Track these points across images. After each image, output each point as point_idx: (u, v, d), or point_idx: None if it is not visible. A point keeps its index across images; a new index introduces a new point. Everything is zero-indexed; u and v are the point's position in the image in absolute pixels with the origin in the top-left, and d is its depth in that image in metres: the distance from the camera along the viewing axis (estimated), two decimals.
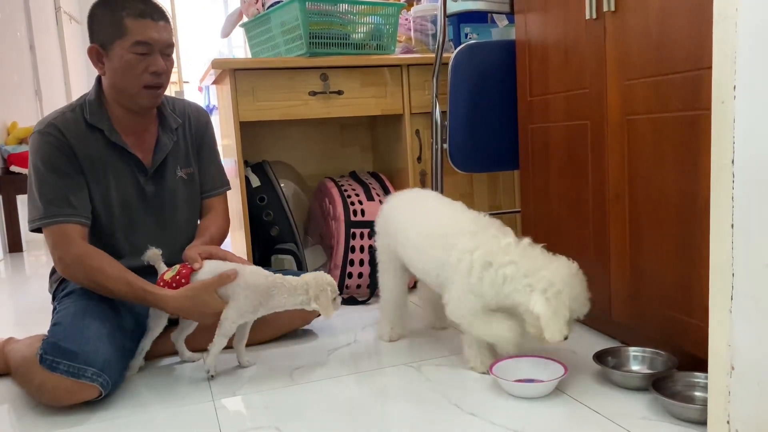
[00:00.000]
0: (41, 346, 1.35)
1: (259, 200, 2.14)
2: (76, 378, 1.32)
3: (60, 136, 1.49)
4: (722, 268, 1.00)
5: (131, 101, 1.54)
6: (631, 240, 1.46)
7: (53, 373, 1.32)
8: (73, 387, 1.32)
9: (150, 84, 1.52)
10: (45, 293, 1.70)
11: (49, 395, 1.34)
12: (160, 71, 1.52)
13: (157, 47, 1.50)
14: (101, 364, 1.34)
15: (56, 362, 1.32)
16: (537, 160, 1.82)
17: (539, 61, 1.75)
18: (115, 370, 1.39)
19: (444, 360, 1.55)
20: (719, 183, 1.00)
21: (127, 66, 1.48)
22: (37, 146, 1.50)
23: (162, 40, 1.50)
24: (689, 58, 1.25)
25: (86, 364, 1.33)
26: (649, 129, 1.37)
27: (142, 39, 1.47)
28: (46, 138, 1.49)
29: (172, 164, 1.66)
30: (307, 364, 1.58)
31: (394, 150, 2.35)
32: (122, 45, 1.47)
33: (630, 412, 1.22)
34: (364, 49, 2.18)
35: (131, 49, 1.47)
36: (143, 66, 1.50)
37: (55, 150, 1.49)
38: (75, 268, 1.47)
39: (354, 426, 1.23)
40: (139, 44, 1.47)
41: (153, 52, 1.50)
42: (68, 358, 1.32)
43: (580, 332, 1.70)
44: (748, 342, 0.98)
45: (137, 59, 1.48)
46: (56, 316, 1.46)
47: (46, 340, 1.36)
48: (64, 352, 1.33)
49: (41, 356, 1.33)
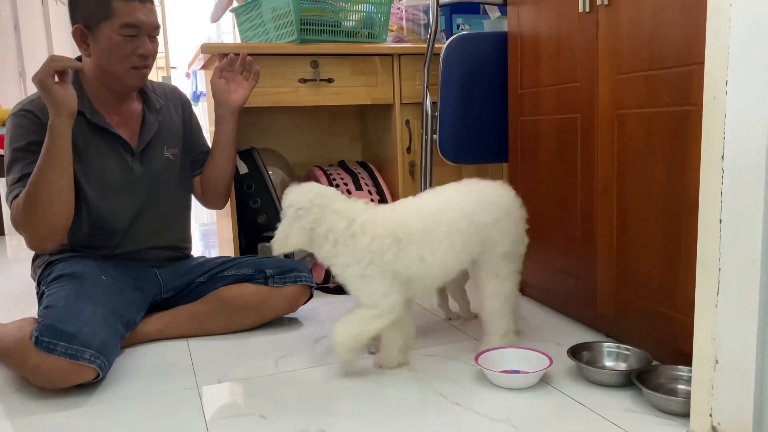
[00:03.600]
0: (36, 328, 1.34)
1: (246, 187, 2.12)
2: (74, 360, 1.31)
3: (34, 117, 1.49)
4: (709, 262, 1.01)
5: (118, 82, 1.54)
6: (618, 234, 1.47)
7: (50, 354, 1.30)
8: (70, 369, 1.31)
9: (137, 65, 1.52)
10: (26, 278, 1.68)
11: (45, 377, 1.33)
12: (147, 54, 1.53)
13: (145, 29, 1.51)
14: (99, 346, 1.34)
15: (53, 344, 1.31)
16: (526, 152, 1.83)
17: (531, 53, 1.75)
18: (112, 353, 1.38)
19: (429, 350, 1.56)
20: (708, 178, 1.00)
21: (115, 47, 1.48)
22: (11, 127, 1.50)
23: (149, 23, 1.51)
24: (681, 53, 1.25)
25: (84, 346, 1.32)
26: (639, 123, 1.37)
27: (130, 21, 1.47)
28: (20, 119, 1.49)
29: (158, 145, 1.66)
30: (293, 352, 1.57)
31: (383, 140, 2.34)
32: (110, 26, 1.47)
33: (613, 404, 1.23)
34: (355, 38, 2.16)
35: (119, 31, 1.47)
36: (131, 48, 1.50)
37: (30, 131, 1.48)
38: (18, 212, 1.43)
39: (338, 414, 1.23)
40: (127, 26, 1.47)
41: (141, 34, 1.51)
42: (66, 340, 1.31)
43: (565, 324, 1.71)
44: (733, 336, 0.99)
45: (125, 41, 1.49)
46: (47, 299, 1.44)
47: (41, 323, 1.34)
48: (61, 333, 1.31)
49: (37, 338, 1.32)
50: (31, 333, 1.34)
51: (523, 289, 2.01)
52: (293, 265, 1.76)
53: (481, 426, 1.17)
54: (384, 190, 2.21)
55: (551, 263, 1.75)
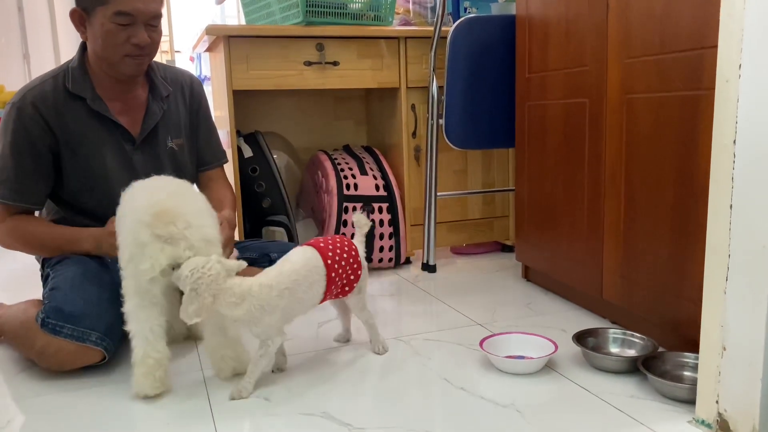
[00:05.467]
0: (42, 310, 1.34)
1: (251, 171, 2.11)
2: (80, 342, 1.31)
3: (33, 112, 1.45)
4: (719, 248, 1.00)
5: (113, 69, 1.49)
6: (626, 220, 1.46)
7: (56, 337, 1.31)
8: (76, 351, 1.32)
9: (131, 54, 1.46)
10: (31, 260, 1.67)
11: (51, 359, 1.33)
12: (141, 44, 1.45)
13: (141, 19, 1.43)
14: (105, 328, 1.34)
15: (59, 326, 1.31)
16: (533, 137, 1.81)
17: (539, 37, 1.73)
18: (118, 335, 1.38)
19: (434, 335, 1.55)
20: (719, 163, 0.99)
21: (108, 35, 1.43)
22: (7, 120, 1.47)
23: (146, 12, 1.43)
24: (692, 36, 1.23)
25: (90, 328, 1.32)
26: (649, 108, 1.35)
27: (123, 9, 1.40)
28: (18, 114, 1.46)
29: (162, 134, 1.61)
30: (296, 336, 1.57)
31: (388, 124, 2.32)
32: (104, 13, 1.41)
33: (619, 390, 1.23)
34: (361, 20, 2.14)
35: (112, 18, 1.41)
36: (124, 36, 1.44)
37: (24, 130, 1.46)
38: (5, 239, 1.52)
39: (342, 398, 1.23)
40: (120, 14, 1.41)
41: (135, 23, 1.43)
42: (72, 322, 1.31)
43: (570, 311, 1.70)
44: (741, 323, 0.98)
45: (118, 29, 1.42)
46: (52, 281, 1.43)
47: (48, 305, 1.34)
48: (67, 316, 1.31)
49: (43, 320, 1.32)
50: (37, 315, 1.34)
51: (529, 275, 2.01)
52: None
53: (486, 410, 1.16)
54: (389, 175, 2.20)
55: (557, 249, 1.74)
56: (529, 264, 1.94)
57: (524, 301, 1.81)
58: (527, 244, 1.90)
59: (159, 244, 1.18)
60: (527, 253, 1.91)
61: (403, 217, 2.19)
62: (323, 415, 1.17)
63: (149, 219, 1.18)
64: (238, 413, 1.18)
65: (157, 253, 1.18)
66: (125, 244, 1.22)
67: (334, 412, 1.18)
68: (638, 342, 1.37)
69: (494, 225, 2.39)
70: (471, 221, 2.36)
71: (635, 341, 1.38)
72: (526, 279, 2.02)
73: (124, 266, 1.22)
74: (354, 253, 1.36)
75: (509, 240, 2.42)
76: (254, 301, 1.20)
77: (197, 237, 1.20)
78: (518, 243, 1.96)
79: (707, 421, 1.05)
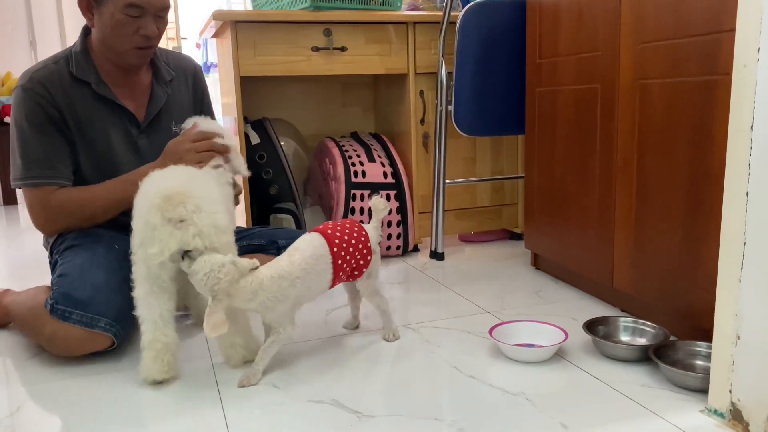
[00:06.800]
0: (51, 296, 1.34)
1: (258, 158, 2.10)
2: (89, 327, 1.31)
3: (44, 91, 1.46)
4: (734, 236, 0.98)
5: (119, 58, 1.50)
6: (637, 207, 1.44)
7: (65, 322, 1.31)
8: (85, 336, 1.32)
9: (140, 45, 1.47)
10: (39, 247, 1.68)
11: (60, 345, 1.34)
12: (150, 35, 1.47)
13: (151, 10, 1.44)
14: (114, 314, 1.34)
15: (68, 312, 1.31)
16: (543, 124, 1.79)
17: (550, 21, 1.70)
18: (127, 321, 1.38)
19: (443, 322, 1.55)
20: (736, 149, 0.97)
21: (117, 25, 1.44)
22: (20, 102, 1.46)
23: (156, 4, 1.44)
24: (708, 20, 1.21)
25: (99, 314, 1.32)
26: (662, 94, 1.33)
27: (135, 2, 1.41)
28: (29, 94, 1.45)
29: (166, 118, 1.62)
30: (306, 323, 1.57)
31: (396, 111, 2.30)
32: (115, 3, 1.41)
33: (630, 378, 1.22)
34: (369, 5, 2.12)
35: (123, 10, 1.42)
36: (134, 28, 1.45)
37: (39, 107, 1.45)
38: (57, 218, 1.49)
39: (351, 386, 1.23)
40: (131, 6, 1.42)
41: (145, 15, 1.44)
42: (81, 308, 1.31)
43: (581, 299, 1.69)
44: (756, 312, 0.96)
45: (128, 20, 1.43)
46: (61, 267, 1.44)
47: (56, 290, 1.35)
48: (76, 302, 1.31)
49: (52, 306, 1.32)
50: (46, 301, 1.34)
51: (539, 263, 1.99)
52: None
53: (496, 399, 1.16)
54: (397, 162, 2.19)
55: (568, 237, 1.73)
56: (538, 252, 1.93)
57: (533, 289, 1.80)
58: (537, 231, 1.89)
59: (169, 228, 1.18)
60: (536, 241, 1.90)
61: (411, 204, 2.18)
62: (332, 402, 1.16)
63: (159, 201, 1.18)
64: (247, 400, 1.18)
65: (166, 236, 1.18)
66: (138, 228, 1.23)
67: (343, 399, 1.17)
68: (649, 330, 1.36)
69: (503, 212, 2.37)
70: (480, 209, 2.34)
71: (646, 330, 1.37)
72: (535, 267, 2.01)
73: (135, 251, 1.23)
74: (363, 239, 1.35)
75: (518, 228, 2.40)
76: (267, 293, 1.22)
77: (207, 222, 1.20)
78: (527, 231, 1.95)
79: (720, 410, 1.04)
